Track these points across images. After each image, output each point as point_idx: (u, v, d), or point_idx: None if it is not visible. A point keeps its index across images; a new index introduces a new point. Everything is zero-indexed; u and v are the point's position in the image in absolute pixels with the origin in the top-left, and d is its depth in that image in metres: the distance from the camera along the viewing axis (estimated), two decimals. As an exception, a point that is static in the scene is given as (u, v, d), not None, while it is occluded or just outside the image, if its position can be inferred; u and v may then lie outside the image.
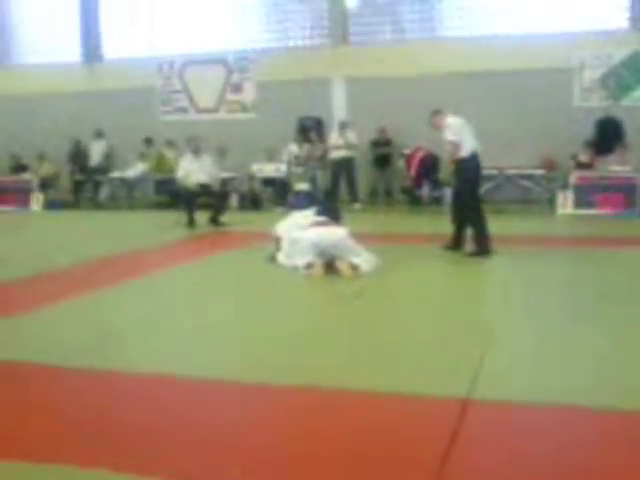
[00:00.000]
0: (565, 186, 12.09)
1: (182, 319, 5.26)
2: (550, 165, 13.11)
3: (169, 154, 14.70)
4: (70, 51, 16.99)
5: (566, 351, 4.22)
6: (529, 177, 13.32)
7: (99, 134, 15.66)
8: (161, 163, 14.60)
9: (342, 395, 3.51)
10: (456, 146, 7.62)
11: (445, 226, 8.11)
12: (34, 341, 4.67)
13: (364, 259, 6.87)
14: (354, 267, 6.71)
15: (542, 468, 2.73)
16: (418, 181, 13.38)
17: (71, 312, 5.50)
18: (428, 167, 13.17)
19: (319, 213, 7.37)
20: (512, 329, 4.80)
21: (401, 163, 13.68)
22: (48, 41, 17.19)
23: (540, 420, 3.22)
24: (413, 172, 13.27)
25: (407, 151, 13.47)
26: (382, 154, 14.01)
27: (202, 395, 3.63)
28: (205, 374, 3.86)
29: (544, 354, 4.18)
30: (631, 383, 3.63)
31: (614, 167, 12.10)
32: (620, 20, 13.58)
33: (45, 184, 15.26)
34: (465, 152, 7.63)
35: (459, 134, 7.61)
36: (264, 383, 3.69)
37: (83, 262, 7.78)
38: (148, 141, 15.21)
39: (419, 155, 13.24)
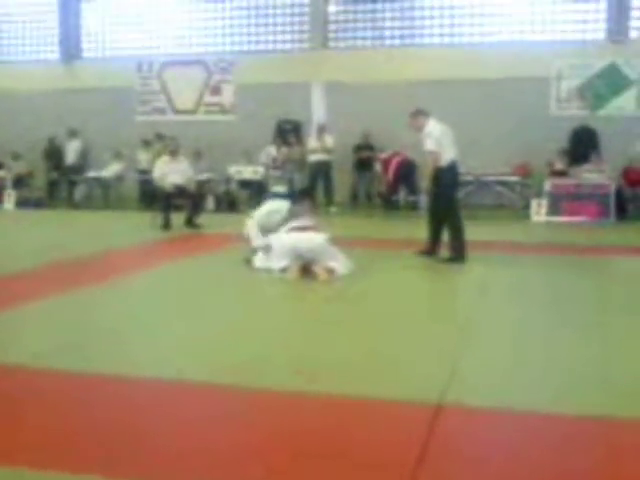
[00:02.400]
0: (539, 193, 12.20)
1: (152, 323, 5.20)
2: (525, 172, 13.23)
3: (143, 155, 14.57)
4: (49, 49, 16.84)
5: (541, 358, 4.22)
6: (504, 184, 13.44)
7: (72, 133, 15.48)
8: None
9: (313, 399, 3.48)
10: (436, 156, 7.56)
11: (421, 232, 8.12)
12: None
13: (341, 263, 6.87)
14: (330, 270, 6.71)
15: (516, 476, 2.73)
16: (395, 186, 13.42)
17: (37, 315, 5.41)
18: (405, 172, 13.21)
19: (295, 201, 7.45)
20: (486, 335, 4.81)
21: (378, 167, 13.71)
22: (27, 38, 17.01)
23: (512, 427, 3.22)
24: (391, 177, 13.30)
25: (384, 155, 13.51)
26: (364, 158, 14.05)
27: (171, 396, 3.58)
28: (175, 376, 3.82)
29: (518, 361, 4.18)
30: (604, 390, 3.65)
31: (589, 175, 12.24)
32: (597, 32, 13.76)
33: (19, 182, 15.08)
34: (444, 161, 7.56)
35: (439, 144, 7.50)
36: (235, 385, 3.66)
37: (51, 263, 7.66)
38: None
39: (396, 160, 13.27)
